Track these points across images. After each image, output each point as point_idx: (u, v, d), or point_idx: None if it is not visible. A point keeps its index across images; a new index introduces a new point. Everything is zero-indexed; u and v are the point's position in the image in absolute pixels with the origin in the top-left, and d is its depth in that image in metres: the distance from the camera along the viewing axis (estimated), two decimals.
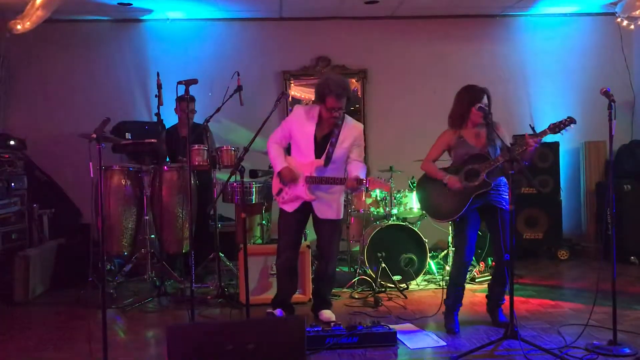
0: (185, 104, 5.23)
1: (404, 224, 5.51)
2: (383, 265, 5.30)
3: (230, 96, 4.74)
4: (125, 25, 6.99)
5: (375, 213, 5.74)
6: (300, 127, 4.30)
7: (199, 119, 5.70)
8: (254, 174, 5.49)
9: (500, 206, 4.12)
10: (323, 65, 7.10)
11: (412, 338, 4.00)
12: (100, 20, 6.94)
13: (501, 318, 4.25)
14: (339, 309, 4.73)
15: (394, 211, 5.66)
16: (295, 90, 7.13)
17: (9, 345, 4.08)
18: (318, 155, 4.25)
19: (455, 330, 4.12)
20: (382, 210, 5.67)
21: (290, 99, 7.03)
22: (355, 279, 5.41)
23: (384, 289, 5.28)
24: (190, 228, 5.16)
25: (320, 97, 4.20)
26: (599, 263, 6.00)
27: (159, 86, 5.36)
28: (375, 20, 7.13)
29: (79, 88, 6.91)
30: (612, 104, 3.66)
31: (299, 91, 7.14)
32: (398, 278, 5.37)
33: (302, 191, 4.25)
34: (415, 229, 5.48)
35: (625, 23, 6.57)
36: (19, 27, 5.83)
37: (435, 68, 7.15)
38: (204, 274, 5.74)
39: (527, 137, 3.90)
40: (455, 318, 4.22)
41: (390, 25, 7.17)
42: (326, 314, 4.44)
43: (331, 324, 4.07)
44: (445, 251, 5.96)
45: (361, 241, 5.69)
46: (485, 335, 4.05)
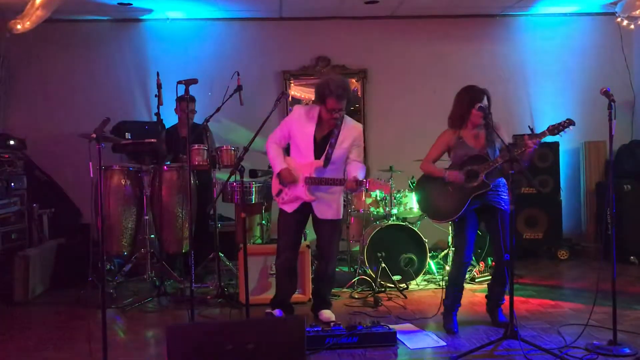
0: (185, 104, 5.22)
1: (404, 224, 5.51)
2: (383, 265, 5.30)
3: (230, 96, 4.74)
4: (125, 25, 6.99)
5: (375, 213, 5.74)
6: (300, 128, 4.29)
7: (199, 119, 5.71)
8: (253, 173, 5.50)
9: (499, 207, 4.12)
10: (323, 65, 7.10)
11: (412, 338, 4.00)
12: (100, 20, 6.94)
13: (501, 318, 4.25)
14: (338, 309, 4.73)
15: (394, 211, 5.66)
16: (295, 90, 7.12)
17: (9, 345, 4.09)
18: (317, 156, 4.25)
19: (454, 330, 4.12)
20: (382, 210, 5.67)
21: (290, 98, 7.03)
22: (355, 279, 5.41)
23: (383, 289, 5.28)
24: (190, 228, 5.15)
25: (321, 98, 4.18)
26: (599, 263, 5.99)
27: (159, 86, 5.36)
28: (375, 20, 7.13)
29: (79, 88, 6.91)
30: (612, 104, 3.67)
31: (299, 91, 7.13)
32: (398, 278, 5.37)
33: (302, 192, 4.25)
34: (415, 229, 5.48)
35: (625, 23, 6.56)
36: (19, 27, 5.83)
37: (435, 68, 7.15)
38: (203, 273, 5.73)
39: (526, 139, 3.92)
40: (454, 318, 4.22)
41: (390, 25, 7.17)
42: (326, 314, 4.44)
43: (331, 324, 4.07)
44: (445, 251, 5.96)
45: (361, 241, 5.69)
46: (485, 335, 4.05)
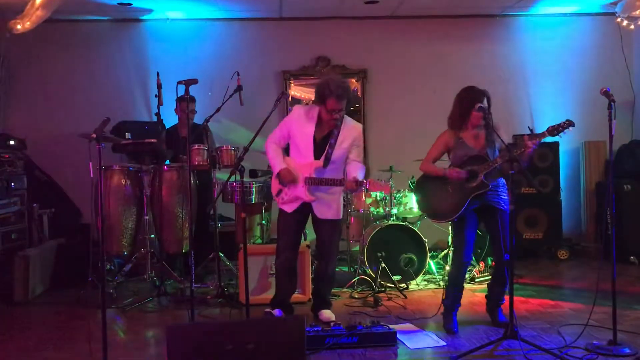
0: (185, 104, 5.22)
1: (404, 223, 5.51)
2: (383, 265, 5.30)
3: (230, 96, 4.74)
4: (125, 25, 6.99)
5: (375, 213, 5.74)
6: (300, 128, 4.29)
7: (199, 119, 5.71)
8: (253, 173, 5.49)
9: (498, 207, 4.12)
10: (323, 65, 7.10)
11: (412, 338, 4.00)
12: (100, 20, 6.94)
13: (501, 318, 4.25)
14: (338, 309, 4.73)
15: (394, 211, 5.66)
16: (295, 90, 7.12)
17: (9, 345, 4.09)
18: (317, 156, 4.24)
19: (454, 330, 4.12)
20: (382, 210, 5.67)
21: (290, 98, 7.03)
22: (355, 278, 5.41)
23: (383, 289, 5.28)
24: (190, 228, 5.15)
25: (321, 99, 4.18)
26: (599, 263, 5.99)
27: (159, 86, 5.36)
28: (375, 20, 7.13)
29: (79, 88, 6.91)
30: (612, 104, 3.67)
31: (299, 91, 7.13)
32: (398, 278, 5.37)
33: (302, 192, 4.25)
34: (415, 229, 5.48)
35: (625, 23, 6.57)
36: (19, 27, 5.83)
37: (435, 68, 7.15)
38: (203, 273, 5.73)
39: (526, 139, 3.93)
40: (454, 318, 4.22)
41: (390, 25, 7.17)
42: (326, 314, 4.44)
43: (331, 324, 4.06)
44: (445, 251, 5.96)
45: (361, 241, 5.69)
46: (485, 335, 4.05)
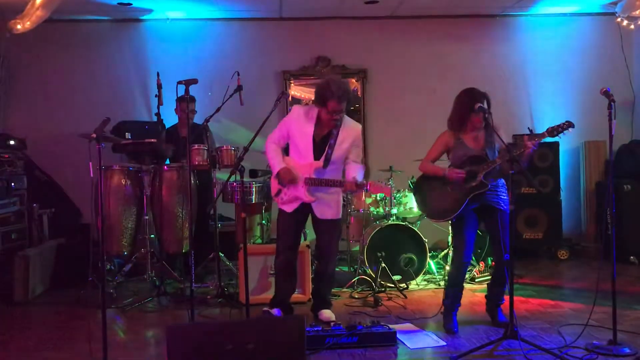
0: (185, 104, 5.23)
1: (404, 223, 5.51)
2: (383, 265, 5.30)
3: (230, 96, 4.73)
4: (125, 25, 6.99)
5: (375, 213, 5.74)
6: (299, 128, 4.28)
7: (199, 119, 5.70)
8: (253, 173, 5.50)
9: (498, 207, 4.12)
10: (323, 65, 7.10)
11: (412, 338, 4.00)
12: (100, 20, 6.94)
13: (501, 318, 4.25)
14: (338, 309, 4.73)
15: (394, 211, 5.66)
16: (295, 90, 7.12)
17: (9, 345, 4.08)
18: (317, 157, 4.24)
19: (454, 330, 4.12)
20: (382, 210, 5.67)
21: (290, 98, 7.03)
22: (355, 278, 5.40)
23: (383, 289, 5.28)
24: (190, 228, 5.16)
25: (321, 100, 4.16)
26: (599, 263, 5.99)
27: (159, 86, 5.36)
28: (375, 20, 7.13)
29: (79, 88, 6.91)
30: (612, 103, 3.67)
31: (299, 91, 7.13)
32: (398, 278, 5.37)
33: (302, 192, 4.24)
34: (415, 229, 5.48)
35: (625, 23, 6.57)
36: (19, 27, 5.83)
37: (435, 68, 7.15)
38: (203, 273, 5.73)
39: (526, 139, 3.94)
40: (454, 318, 4.22)
41: (390, 25, 7.17)
42: (326, 314, 4.43)
43: (331, 324, 4.06)
44: (445, 251, 5.96)
45: (361, 241, 5.69)
46: (485, 335, 4.05)
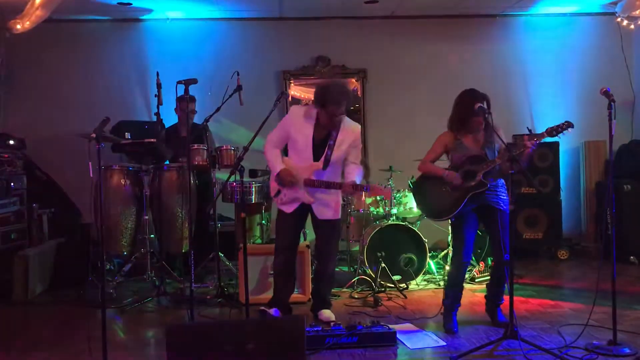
0: (185, 103, 5.23)
1: (404, 223, 5.51)
2: (383, 265, 5.29)
3: (230, 96, 4.73)
4: (125, 25, 6.99)
5: (375, 213, 5.73)
6: (299, 129, 4.26)
7: (199, 118, 5.70)
8: (253, 173, 5.49)
9: (498, 207, 4.12)
10: (323, 65, 7.09)
11: (412, 338, 4.00)
12: (100, 20, 6.94)
13: (500, 318, 4.25)
14: (338, 309, 4.72)
15: (394, 211, 5.65)
16: (295, 90, 7.12)
17: (9, 345, 4.07)
18: (316, 158, 4.23)
19: (454, 330, 4.12)
20: (382, 210, 5.67)
21: (290, 98, 7.03)
22: (355, 278, 5.40)
23: (383, 289, 5.27)
24: (189, 228, 5.15)
25: (321, 103, 4.15)
26: (599, 263, 5.98)
27: (159, 86, 5.36)
28: (375, 20, 7.13)
29: (79, 88, 6.91)
30: (612, 103, 3.67)
31: (299, 91, 7.13)
32: (398, 278, 5.36)
33: (302, 193, 4.24)
34: (415, 229, 5.48)
35: (625, 23, 6.57)
36: (18, 27, 5.84)
37: (435, 68, 7.15)
38: (203, 273, 5.73)
39: (525, 139, 3.93)
40: (454, 318, 4.21)
41: (390, 25, 7.17)
42: (326, 314, 4.43)
43: (331, 324, 4.06)
44: (445, 251, 5.96)
45: (361, 241, 5.69)
46: (484, 335, 4.05)
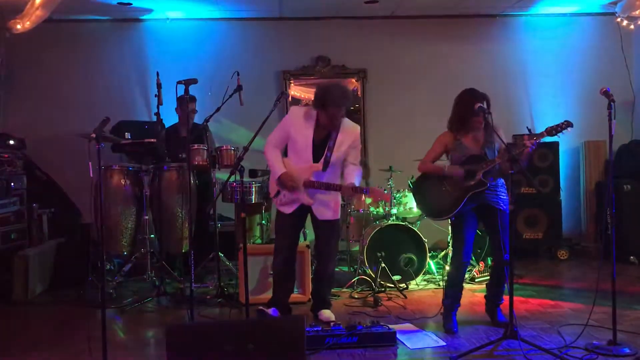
0: (185, 103, 5.23)
1: (404, 223, 5.51)
2: (383, 265, 5.29)
3: (230, 96, 4.73)
4: (125, 25, 6.99)
5: (375, 213, 5.74)
6: (299, 130, 4.26)
7: (199, 118, 5.70)
8: (253, 173, 5.49)
9: (498, 207, 4.12)
10: (323, 65, 7.09)
11: (412, 338, 4.00)
12: (100, 20, 6.94)
13: (500, 318, 4.25)
14: (338, 309, 4.73)
15: (394, 211, 5.65)
16: (295, 90, 7.12)
17: (8, 345, 4.08)
18: (316, 159, 4.23)
19: (454, 330, 4.12)
20: (382, 210, 5.67)
21: (290, 98, 7.03)
22: (355, 278, 5.40)
23: (383, 289, 5.28)
24: (189, 228, 5.15)
25: (321, 104, 4.15)
26: (599, 263, 5.98)
27: (159, 86, 5.35)
28: (375, 20, 7.13)
29: (79, 88, 6.91)
30: (612, 103, 3.67)
31: (299, 91, 7.13)
32: (398, 278, 5.36)
33: (302, 195, 4.24)
34: (415, 229, 5.48)
35: (625, 23, 6.57)
36: (18, 27, 5.84)
37: (435, 68, 7.15)
38: (203, 273, 5.73)
39: (525, 139, 3.93)
40: (454, 318, 4.21)
41: (390, 25, 7.17)
42: (326, 314, 4.43)
43: (331, 324, 4.06)
44: (445, 251, 5.95)
45: (361, 241, 5.69)
46: (484, 335, 4.05)
